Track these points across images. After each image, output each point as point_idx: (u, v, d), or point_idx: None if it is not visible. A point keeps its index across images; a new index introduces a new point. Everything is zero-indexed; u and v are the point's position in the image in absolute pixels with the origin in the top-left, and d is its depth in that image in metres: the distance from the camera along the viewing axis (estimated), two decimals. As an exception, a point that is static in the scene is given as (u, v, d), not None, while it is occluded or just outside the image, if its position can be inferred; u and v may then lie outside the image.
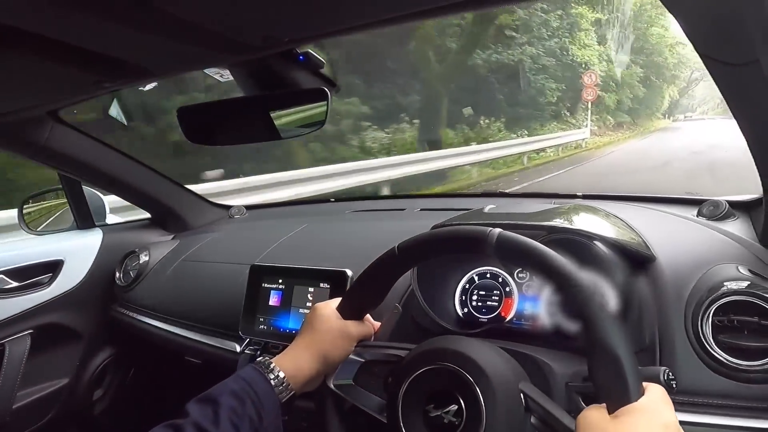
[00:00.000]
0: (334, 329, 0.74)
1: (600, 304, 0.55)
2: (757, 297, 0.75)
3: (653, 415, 0.49)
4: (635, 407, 0.49)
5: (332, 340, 0.74)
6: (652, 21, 21.74)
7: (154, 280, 1.50)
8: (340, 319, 0.75)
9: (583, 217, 0.94)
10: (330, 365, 0.74)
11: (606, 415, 0.50)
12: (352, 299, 0.76)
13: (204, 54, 0.67)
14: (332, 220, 1.58)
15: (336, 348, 0.74)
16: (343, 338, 0.74)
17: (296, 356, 0.73)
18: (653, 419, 0.49)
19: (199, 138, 0.87)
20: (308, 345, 0.74)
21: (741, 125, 0.67)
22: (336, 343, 0.74)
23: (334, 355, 0.74)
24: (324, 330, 0.74)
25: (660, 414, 0.50)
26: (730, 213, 1.05)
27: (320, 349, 0.73)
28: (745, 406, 0.72)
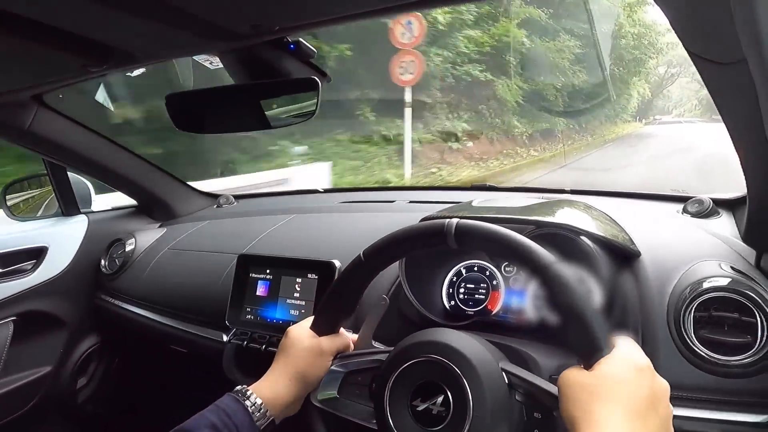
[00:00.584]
0: (307, 348, 0.73)
1: (561, 271, 0.56)
2: (738, 293, 0.77)
3: (626, 361, 0.52)
4: (608, 358, 0.52)
5: (307, 360, 0.73)
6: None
7: (140, 268, 1.49)
8: (313, 337, 0.75)
9: (570, 212, 0.95)
10: (309, 385, 0.73)
11: (583, 371, 0.53)
12: (324, 314, 0.76)
13: (193, 41, 0.66)
14: (321, 211, 1.58)
15: (312, 367, 0.73)
16: (318, 356, 0.73)
17: (273, 382, 0.72)
18: (626, 364, 0.51)
19: (188, 125, 0.87)
20: (283, 369, 0.73)
21: (727, 124, 0.68)
22: (311, 362, 0.73)
23: (312, 374, 0.73)
24: (297, 351, 0.74)
25: (632, 359, 0.52)
26: (715, 211, 1.06)
27: (296, 370, 0.73)
28: (725, 400, 0.74)
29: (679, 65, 23.62)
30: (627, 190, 1.32)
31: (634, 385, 0.50)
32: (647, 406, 0.49)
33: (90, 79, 0.87)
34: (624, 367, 0.51)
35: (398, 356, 0.65)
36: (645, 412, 0.49)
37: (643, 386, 0.50)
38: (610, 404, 0.49)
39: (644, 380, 0.51)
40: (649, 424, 0.49)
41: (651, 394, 0.50)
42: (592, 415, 0.49)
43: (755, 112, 0.59)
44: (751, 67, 0.52)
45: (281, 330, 0.79)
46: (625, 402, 0.49)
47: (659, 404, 0.51)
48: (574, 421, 0.50)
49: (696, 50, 0.54)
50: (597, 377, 0.51)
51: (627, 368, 0.51)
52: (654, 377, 0.52)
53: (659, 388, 0.52)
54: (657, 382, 0.52)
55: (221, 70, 0.83)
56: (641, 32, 16.98)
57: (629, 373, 0.51)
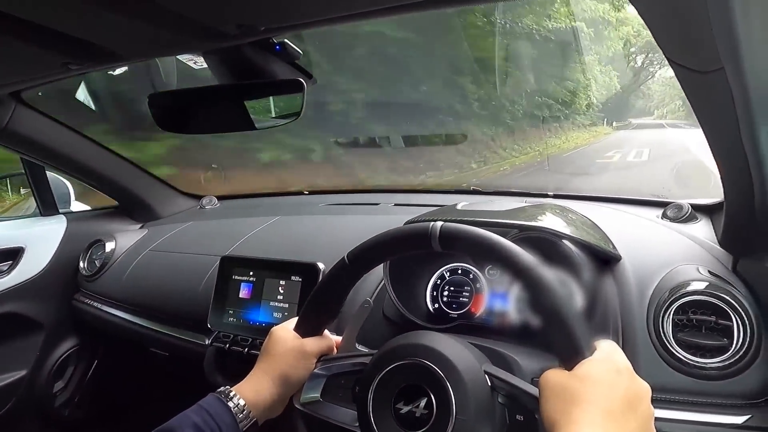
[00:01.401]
0: (290, 350, 0.73)
1: (544, 275, 0.56)
2: (715, 297, 0.78)
3: (606, 362, 0.52)
4: (588, 360, 0.53)
5: (290, 362, 0.72)
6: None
7: (120, 270, 1.46)
8: (296, 338, 0.74)
9: (552, 216, 0.96)
10: (292, 387, 0.73)
11: (563, 372, 0.53)
12: (308, 316, 0.75)
13: (176, 39, 0.65)
14: (305, 213, 1.57)
15: (295, 369, 0.72)
16: (302, 358, 0.73)
17: (256, 383, 0.72)
18: (606, 366, 0.52)
19: (171, 126, 0.85)
20: (267, 370, 0.73)
21: (705, 131, 0.69)
22: (294, 364, 0.72)
23: (295, 376, 0.72)
24: (280, 353, 0.73)
25: (612, 361, 0.53)
26: (693, 216, 1.08)
27: (279, 372, 0.72)
28: (703, 402, 0.75)
29: (657, 60, 22.24)
30: (608, 195, 1.33)
31: (612, 386, 0.51)
32: (625, 408, 0.50)
33: (71, 77, 0.85)
34: (603, 369, 0.52)
35: (382, 359, 0.65)
36: (622, 413, 0.49)
37: (621, 388, 0.51)
38: (587, 405, 0.49)
39: (623, 382, 0.51)
40: (627, 425, 0.49)
41: (629, 395, 0.51)
42: (569, 415, 0.49)
43: (732, 120, 0.60)
44: (728, 76, 0.53)
45: (264, 333, 0.78)
46: (602, 403, 0.49)
47: (638, 406, 0.51)
48: (553, 422, 0.51)
49: (675, 58, 0.55)
50: (576, 378, 0.52)
51: (606, 370, 0.52)
52: (633, 379, 0.53)
53: (638, 390, 0.52)
54: (636, 383, 0.53)
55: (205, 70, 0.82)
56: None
57: (608, 375, 0.51)
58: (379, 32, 7.64)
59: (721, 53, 0.50)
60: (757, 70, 0.52)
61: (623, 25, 16.25)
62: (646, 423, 0.51)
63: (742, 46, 0.48)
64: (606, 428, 0.48)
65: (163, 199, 1.75)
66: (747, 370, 0.75)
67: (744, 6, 0.43)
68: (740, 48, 0.48)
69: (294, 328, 0.75)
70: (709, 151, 0.73)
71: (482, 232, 0.61)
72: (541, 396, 0.54)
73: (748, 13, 0.44)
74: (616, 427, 0.48)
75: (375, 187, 2.27)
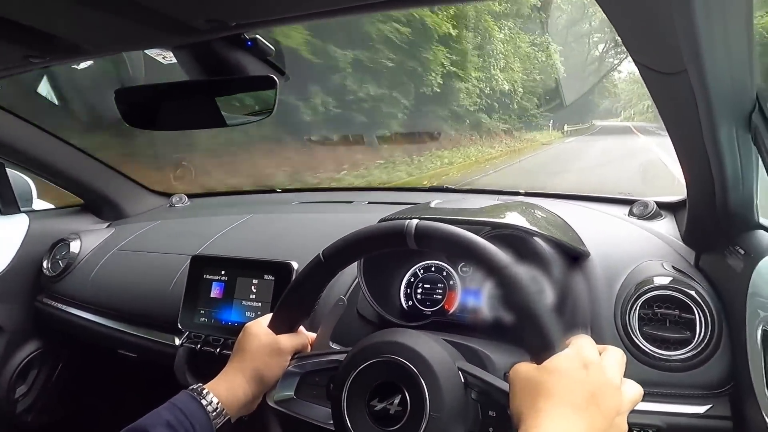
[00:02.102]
0: (264, 347, 0.72)
1: (517, 273, 0.57)
2: (678, 291, 0.81)
3: (574, 357, 0.53)
4: (558, 355, 0.53)
5: (264, 359, 0.71)
6: None
7: (86, 270, 1.42)
8: (270, 335, 0.73)
9: (524, 213, 0.97)
10: (266, 384, 0.72)
11: (532, 366, 0.54)
12: (283, 313, 0.75)
13: (144, 33, 0.63)
14: (278, 211, 1.56)
15: (269, 366, 0.71)
16: (276, 354, 0.72)
17: (229, 380, 0.70)
18: (573, 360, 0.53)
19: (139, 121, 0.83)
20: (240, 367, 0.71)
21: (669, 131, 0.71)
22: (268, 361, 0.71)
23: (269, 374, 0.71)
24: (254, 349, 0.72)
25: (581, 355, 0.54)
26: (658, 213, 1.12)
27: (253, 369, 0.71)
28: (667, 393, 0.78)
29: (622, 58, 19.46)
30: (578, 193, 1.37)
31: (578, 380, 0.52)
32: (589, 401, 0.51)
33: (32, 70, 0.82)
34: (570, 363, 0.53)
35: (356, 357, 0.65)
36: (587, 406, 0.50)
37: (586, 381, 0.52)
38: (551, 397, 0.50)
39: (590, 375, 0.52)
40: (591, 417, 0.50)
41: (594, 389, 0.52)
42: (534, 407, 0.51)
43: (695, 121, 0.63)
44: (691, 78, 0.55)
45: (236, 332, 0.77)
46: (567, 395, 0.50)
47: (604, 399, 0.52)
48: (519, 414, 0.52)
49: (642, 60, 0.56)
50: (543, 371, 0.53)
51: (573, 363, 0.53)
52: (600, 373, 0.54)
53: (604, 384, 0.53)
54: (604, 377, 0.53)
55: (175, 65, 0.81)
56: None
57: (574, 368, 0.52)
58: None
59: (685, 56, 0.51)
60: (717, 73, 0.54)
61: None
62: (610, 416, 0.51)
63: (704, 50, 0.50)
64: (569, 419, 0.49)
65: (131, 197, 1.70)
66: (708, 361, 0.78)
67: (706, 12, 0.45)
68: (702, 51, 0.50)
69: (268, 325, 0.74)
70: (674, 150, 0.76)
71: (457, 230, 0.62)
72: (510, 389, 0.55)
73: (710, 18, 0.46)
74: (579, 418, 0.49)
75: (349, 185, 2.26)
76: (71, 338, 1.42)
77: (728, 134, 0.66)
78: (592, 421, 0.50)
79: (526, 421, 0.50)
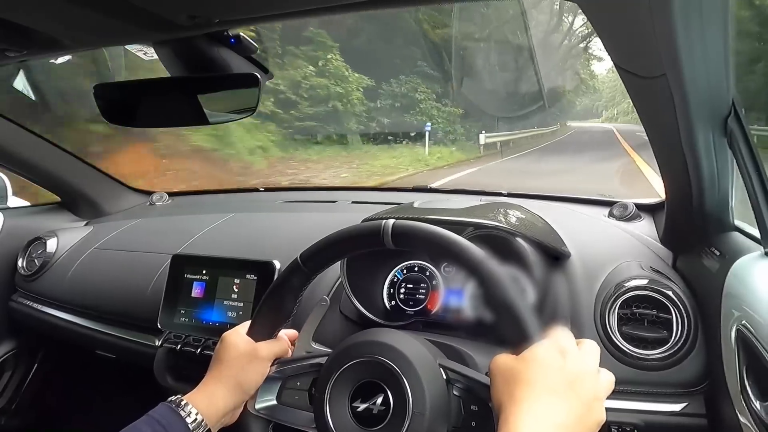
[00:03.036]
0: (243, 355, 0.71)
1: (493, 268, 0.58)
2: (656, 292, 0.83)
3: (550, 345, 0.54)
4: (536, 345, 0.54)
5: (243, 367, 0.70)
6: None
7: (63, 269, 1.39)
8: (249, 343, 0.72)
9: (506, 214, 0.98)
10: (246, 393, 0.71)
11: (510, 356, 0.55)
12: (261, 319, 0.74)
13: (124, 29, 0.62)
14: (261, 210, 1.54)
15: (249, 373, 0.70)
16: (255, 362, 0.71)
17: (209, 391, 0.69)
18: (550, 348, 0.54)
19: (118, 118, 0.82)
20: (219, 377, 0.70)
21: (648, 134, 0.73)
22: (248, 369, 0.70)
23: (249, 382, 0.70)
24: (233, 358, 0.71)
25: (557, 344, 0.55)
26: (637, 215, 1.14)
27: (232, 378, 0.70)
28: (644, 391, 0.80)
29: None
30: (559, 194, 1.38)
31: (555, 366, 0.53)
32: (566, 386, 0.52)
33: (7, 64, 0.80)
34: (547, 351, 0.54)
35: (337, 358, 0.65)
36: (564, 392, 0.51)
37: (563, 368, 0.53)
38: (529, 384, 0.51)
39: (567, 362, 0.53)
40: (568, 402, 0.51)
41: (571, 375, 0.53)
42: (513, 394, 0.51)
43: (673, 124, 0.64)
44: (669, 82, 0.56)
45: (218, 333, 0.77)
46: (544, 381, 0.51)
47: (580, 385, 0.53)
48: (500, 403, 0.53)
49: (622, 64, 0.57)
50: (522, 361, 0.54)
51: (550, 352, 0.54)
52: (577, 360, 0.54)
53: (581, 370, 0.54)
54: (580, 364, 0.54)
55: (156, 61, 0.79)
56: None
57: (551, 356, 0.53)
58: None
59: (664, 61, 0.52)
60: (695, 78, 0.56)
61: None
62: (589, 401, 0.52)
63: (682, 55, 0.51)
64: (547, 404, 0.50)
65: (110, 195, 1.67)
66: (684, 360, 0.79)
67: (685, 18, 0.46)
68: (680, 56, 0.51)
69: (247, 332, 0.73)
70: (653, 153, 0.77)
71: (433, 229, 0.62)
72: (490, 381, 0.56)
73: (689, 24, 0.47)
74: (556, 402, 0.50)
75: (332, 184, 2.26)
76: (47, 339, 1.39)
77: (705, 138, 0.67)
78: (571, 406, 0.51)
79: (507, 409, 0.51)
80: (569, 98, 17.26)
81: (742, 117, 0.66)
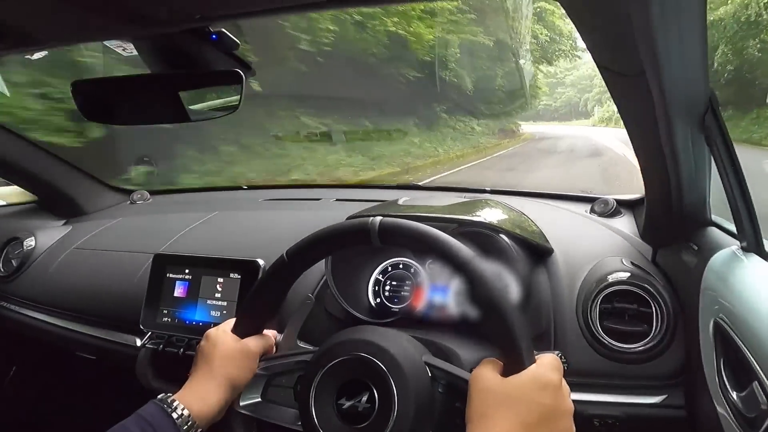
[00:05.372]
0: (233, 351, 0.70)
1: (480, 267, 0.59)
2: (636, 286, 0.85)
3: (538, 377, 0.55)
4: (522, 373, 0.55)
5: (235, 363, 0.69)
6: None
7: (41, 269, 1.37)
8: (237, 339, 0.71)
9: (489, 211, 0.99)
10: (237, 389, 0.70)
11: (497, 375, 0.56)
12: (247, 316, 0.73)
13: (102, 24, 0.61)
14: (244, 209, 1.53)
15: (240, 369, 0.69)
16: (246, 358, 0.70)
17: (200, 389, 0.68)
18: (537, 380, 0.55)
19: (97, 115, 0.80)
20: (210, 374, 0.69)
21: (629, 131, 0.74)
22: (239, 365, 0.69)
23: (240, 378, 0.69)
24: (223, 354, 0.70)
25: (545, 376, 0.56)
26: (618, 211, 1.16)
27: (224, 375, 0.68)
28: (625, 385, 0.81)
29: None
30: (542, 191, 1.40)
31: (535, 401, 0.54)
32: (541, 422, 0.53)
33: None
34: (531, 383, 0.55)
35: (322, 356, 0.65)
36: (535, 425, 0.53)
37: (542, 403, 0.54)
38: (506, 412, 0.53)
39: (546, 398, 0.54)
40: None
41: (548, 411, 0.54)
42: (485, 415, 0.53)
43: (652, 122, 0.65)
44: (649, 80, 0.57)
45: (201, 332, 0.76)
46: (519, 413, 0.53)
47: (555, 422, 0.54)
48: (471, 417, 0.54)
49: (603, 62, 0.58)
50: (504, 386, 0.55)
51: (534, 384, 0.55)
52: (557, 397, 0.55)
53: (558, 408, 0.55)
54: (558, 402, 0.55)
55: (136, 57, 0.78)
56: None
57: (533, 389, 0.54)
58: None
59: (643, 59, 0.53)
60: (673, 76, 0.57)
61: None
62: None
63: (661, 53, 0.51)
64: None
65: (89, 194, 1.64)
66: (664, 353, 0.81)
67: (663, 18, 0.46)
68: (659, 54, 0.52)
69: (232, 329, 0.72)
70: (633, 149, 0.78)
71: (421, 227, 0.62)
72: (469, 390, 0.56)
73: (666, 22, 0.48)
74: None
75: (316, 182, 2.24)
76: (25, 340, 1.36)
77: (683, 135, 0.68)
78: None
79: (475, 425, 0.53)
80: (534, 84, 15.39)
81: (719, 114, 0.68)
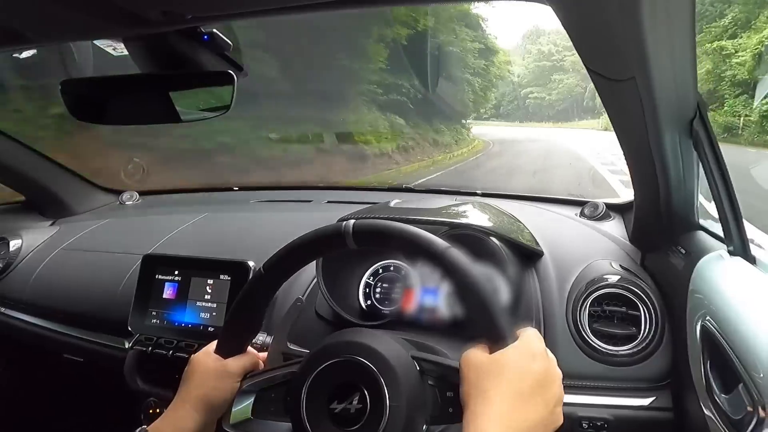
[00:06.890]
0: (210, 372, 0.69)
1: (456, 256, 0.59)
2: (625, 289, 0.85)
3: (523, 349, 0.57)
4: (509, 347, 0.56)
5: (211, 383, 0.69)
6: None
7: (28, 270, 1.35)
8: (217, 360, 0.71)
9: (480, 213, 0.99)
10: (216, 410, 0.69)
11: (484, 353, 0.57)
12: (228, 335, 0.72)
13: (93, 23, 0.60)
14: (235, 210, 1.52)
15: (216, 390, 0.69)
16: (224, 378, 0.69)
17: (175, 416, 0.67)
18: (523, 352, 0.56)
19: (86, 115, 0.80)
20: (185, 398, 0.68)
21: (618, 135, 0.74)
22: (216, 385, 0.69)
23: (217, 398, 0.68)
24: (199, 377, 0.69)
25: (529, 347, 0.57)
26: (607, 214, 1.17)
27: (200, 397, 0.68)
28: (614, 387, 0.82)
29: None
30: (532, 194, 1.41)
31: (525, 369, 0.55)
32: (534, 389, 0.54)
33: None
34: (519, 354, 0.56)
35: (310, 362, 0.64)
36: (530, 394, 0.54)
37: (531, 371, 0.55)
38: (499, 382, 0.54)
39: (534, 365, 0.56)
40: (533, 402, 0.54)
41: (539, 378, 0.55)
42: (482, 390, 0.54)
43: (642, 126, 0.66)
44: (638, 85, 0.57)
45: (191, 334, 0.75)
46: (513, 382, 0.54)
47: (546, 388, 0.55)
48: (467, 395, 0.55)
49: (594, 67, 0.59)
50: (493, 360, 0.56)
51: (521, 354, 0.56)
52: (546, 364, 0.57)
53: (548, 374, 0.57)
54: (547, 369, 0.57)
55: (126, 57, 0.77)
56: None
57: (523, 360, 0.56)
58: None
59: (633, 64, 0.54)
60: (662, 81, 0.57)
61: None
62: (551, 404, 0.55)
63: (650, 59, 0.52)
64: (514, 405, 0.53)
65: (78, 194, 1.62)
66: (652, 356, 0.82)
67: (652, 25, 0.47)
68: (649, 60, 0.52)
69: (215, 350, 0.72)
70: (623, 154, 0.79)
71: (395, 225, 0.62)
72: (461, 373, 0.57)
73: (656, 31, 0.48)
74: (522, 402, 0.53)
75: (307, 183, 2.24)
76: (10, 342, 1.34)
77: (672, 140, 0.69)
78: (536, 408, 0.54)
79: (473, 406, 0.53)
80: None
81: (707, 119, 0.68)
